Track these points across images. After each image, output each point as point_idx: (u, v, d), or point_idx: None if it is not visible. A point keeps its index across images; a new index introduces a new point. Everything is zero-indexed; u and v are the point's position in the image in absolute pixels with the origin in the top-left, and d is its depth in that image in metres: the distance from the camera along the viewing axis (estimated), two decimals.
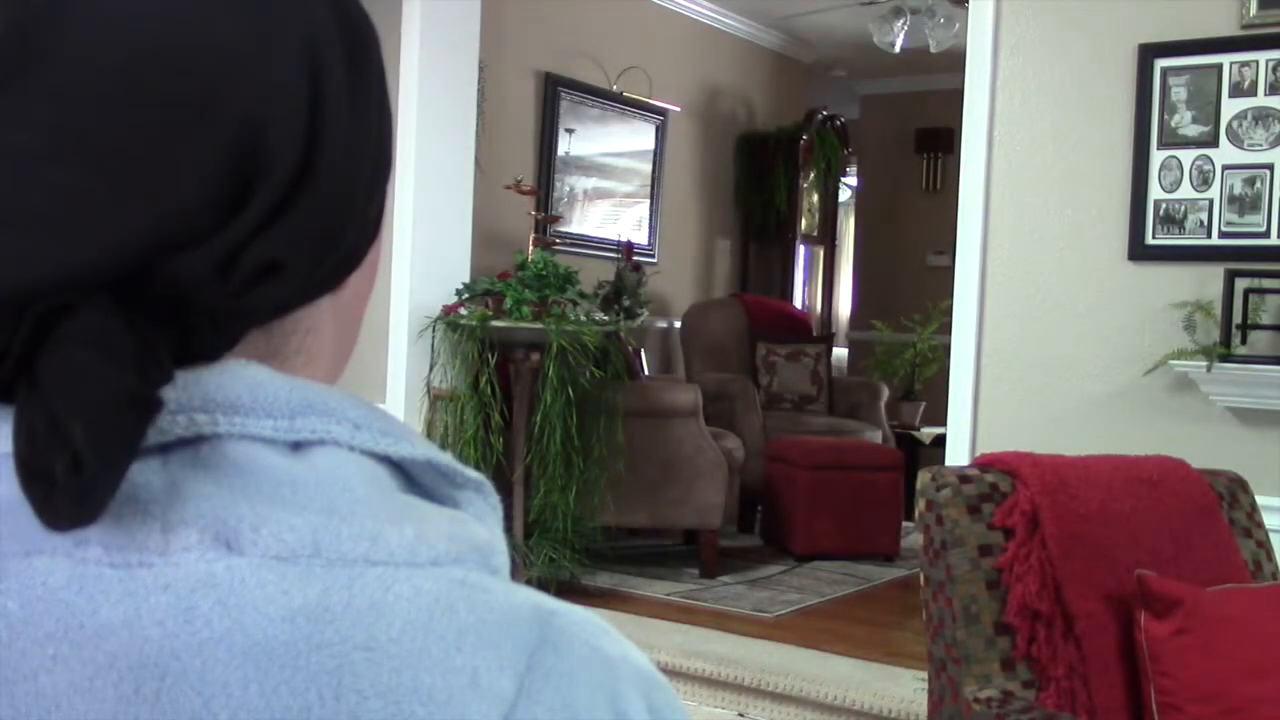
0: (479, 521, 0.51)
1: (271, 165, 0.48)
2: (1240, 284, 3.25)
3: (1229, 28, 3.32)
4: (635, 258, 6.09)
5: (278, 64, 0.49)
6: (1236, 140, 3.31)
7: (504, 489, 4.52)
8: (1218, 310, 3.27)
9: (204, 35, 0.48)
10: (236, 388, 0.48)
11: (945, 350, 4.41)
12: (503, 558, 0.51)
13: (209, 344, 0.49)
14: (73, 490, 0.42)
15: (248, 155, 0.48)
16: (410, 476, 0.52)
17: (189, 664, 0.43)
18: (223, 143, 0.47)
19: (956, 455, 3.63)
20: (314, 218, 0.50)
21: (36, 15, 0.46)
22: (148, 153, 0.46)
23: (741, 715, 3.75)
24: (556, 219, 5.81)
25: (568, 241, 6.01)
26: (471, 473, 0.53)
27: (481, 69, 5.09)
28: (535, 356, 4.51)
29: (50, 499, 0.43)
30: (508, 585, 0.49)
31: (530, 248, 4.96)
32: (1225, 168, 3.32)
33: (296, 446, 0.49)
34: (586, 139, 6.30)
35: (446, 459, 0.52)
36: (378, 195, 0.56)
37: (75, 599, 0.44)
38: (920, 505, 2.23)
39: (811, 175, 7.98)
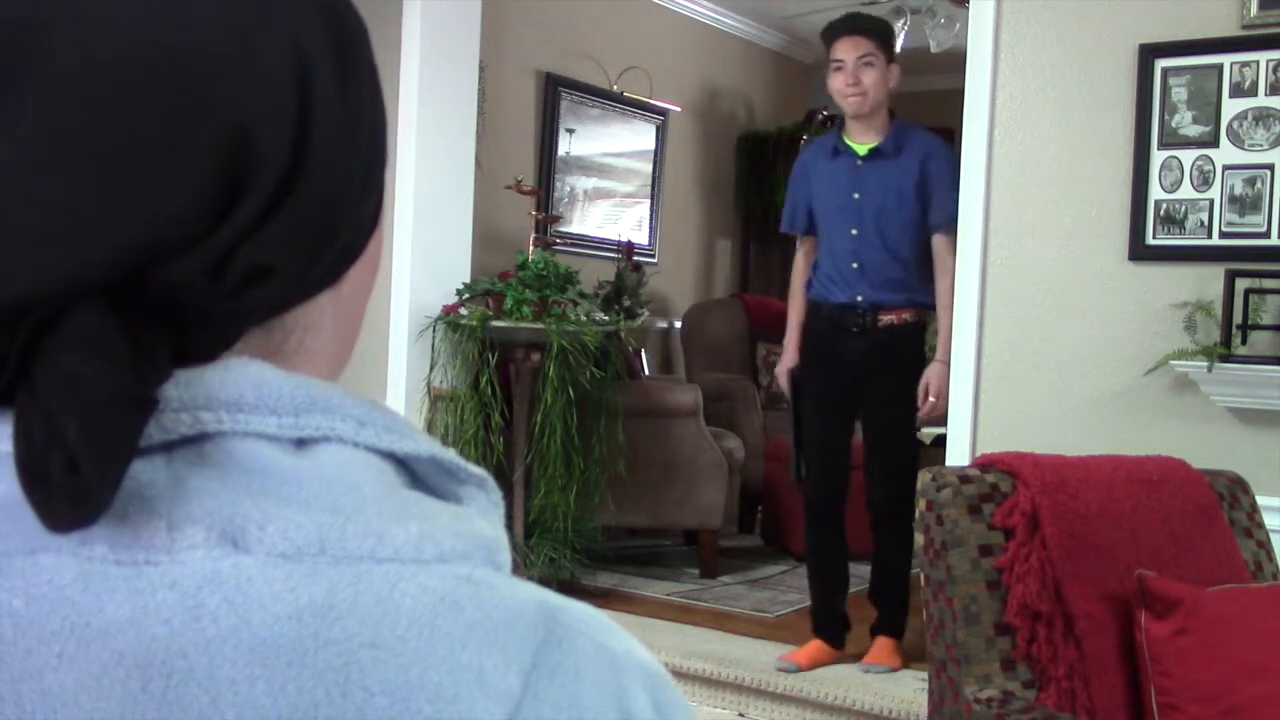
0: (483, 518, 0.51)
1: (261, 168, 0.48)
2: (1241, 284, 3.25)
3: (1229, 28, 3.32)
4: (635, 258, 6.09)
5: (264, 67, 0.49)
6: (1237, 140, 3.31)
7: (504, 489, 4.47)
8: (1218, 310, 3.27)
9: (190, 41, 0.47)
10: (240, 385, 0.48)
11: None
12: (507, 554, 0.51)
13: (205, 344, 0.49)
14: (70, 490, 0.42)
15: (237, 159, 0.48)
16: (414, 473, 0.52)
17: (196, 662, 0.43)
18: (211, 147, 0.47)
19: (957, 456, 3.63)
20: (306, 218, 0.50)
21: (22, 25, 0.46)
22: (136, 160, 0.46)
23: (742, 715, 3.75)
24: (557, 219, 5.81)
25: (568, 241, 6.01)
26: (474, 468, 0.53)
27: (482, 69, 5.09)
28: (536, 356, 4.51)
29: (49, 500, 0.43)
30: (513, 582, 0.50)
31: (531, 248, 4.96)
32: (1226, 168, 3.32)
33: (300, 443, 0.49)
34: (587, 139, 6.30)
35: (450, 455, 0.52)
36: (373, 191, 0.56)
37: (81, 597, 0.44)
38: (921, 505, 2.23)
39: None
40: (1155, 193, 3.41)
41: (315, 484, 0.47)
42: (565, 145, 6.15)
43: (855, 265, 3.65)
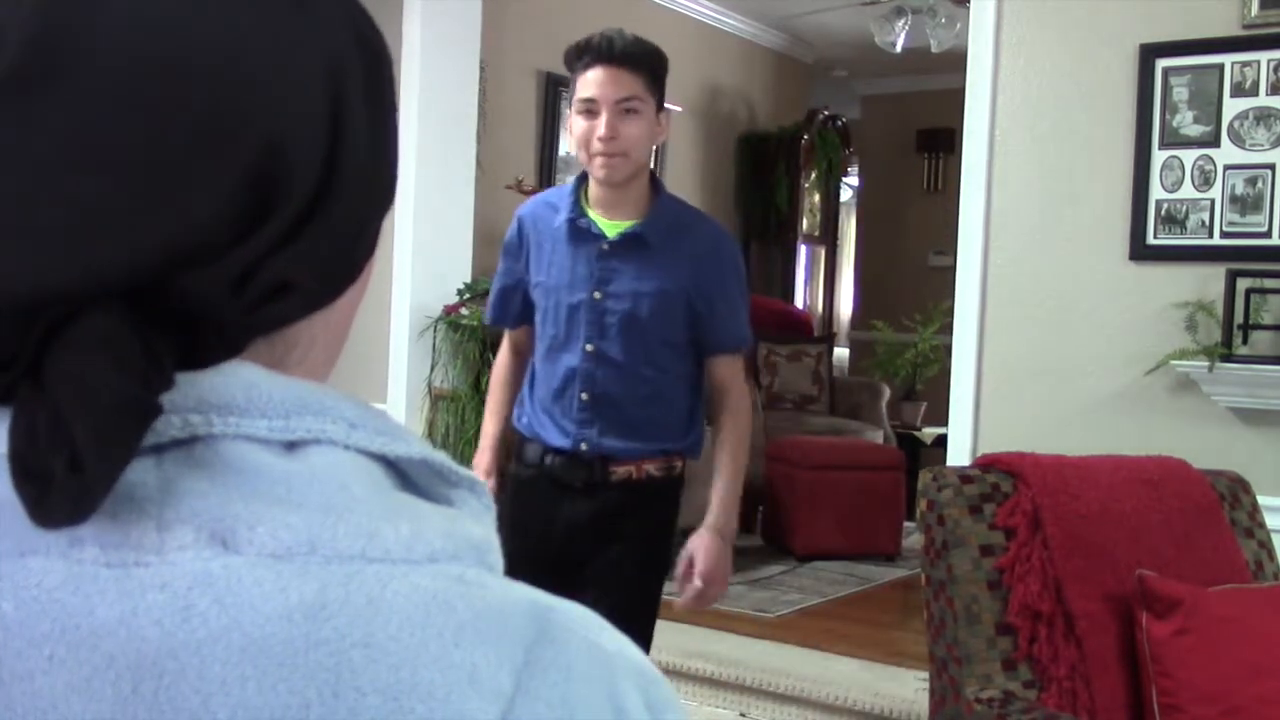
0: (474, 520, 0.51)
1: (290, 187, 0.49)
2: (1242, 284, 3.25)
3: (1230, 28, 3.31)
4: None
5: (301, 88, 0.50)
6: (1238, 140, 3.31)
7: None
8: (1219, 310, 3.27)
9: (230, 56, 0.48)
10: (231, 389, 0.48)
11: (946, 350, 4.41)
12: (498, 556, 0.51)
13: (211, 353, 0.49)
14: (70, 489, 0.43)
15: (267, 176, 0.48)
16: (405, 475, 0.52)
17: (187, 663, 0.43)
18: (242, 162, 0.48)
19: (958, 455, 3.63)
20: (328, 239, 0.51)
21: (65, 25, 0.47)
22: (167, 168, 0.46)
23: (743, 715, 3.75)
24: None
25: None
26: (466, 472, 0.53)
27: (482, 69, 5.09)
28: None
29: (44, 498, 0.43)
30: (504, 582, 0.50)
31: None
32: (1227, 168, 3.32)
33: (291, 446, 0.49)
34: None
35: (441, 458, 0.52)
36: (385, 212, 0.57)
37: (71, 599, 0.44)
38: (922, 505, 2.23)
39: (813, 175, 7.98)
40: (1156, 192, 3.41)
41: (306, 485, 0.47)
42: (566, 145, 6.15)
43: (585, 396, 2.42)
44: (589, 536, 2.43)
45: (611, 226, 2.42)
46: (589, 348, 2.41)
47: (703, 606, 2.47)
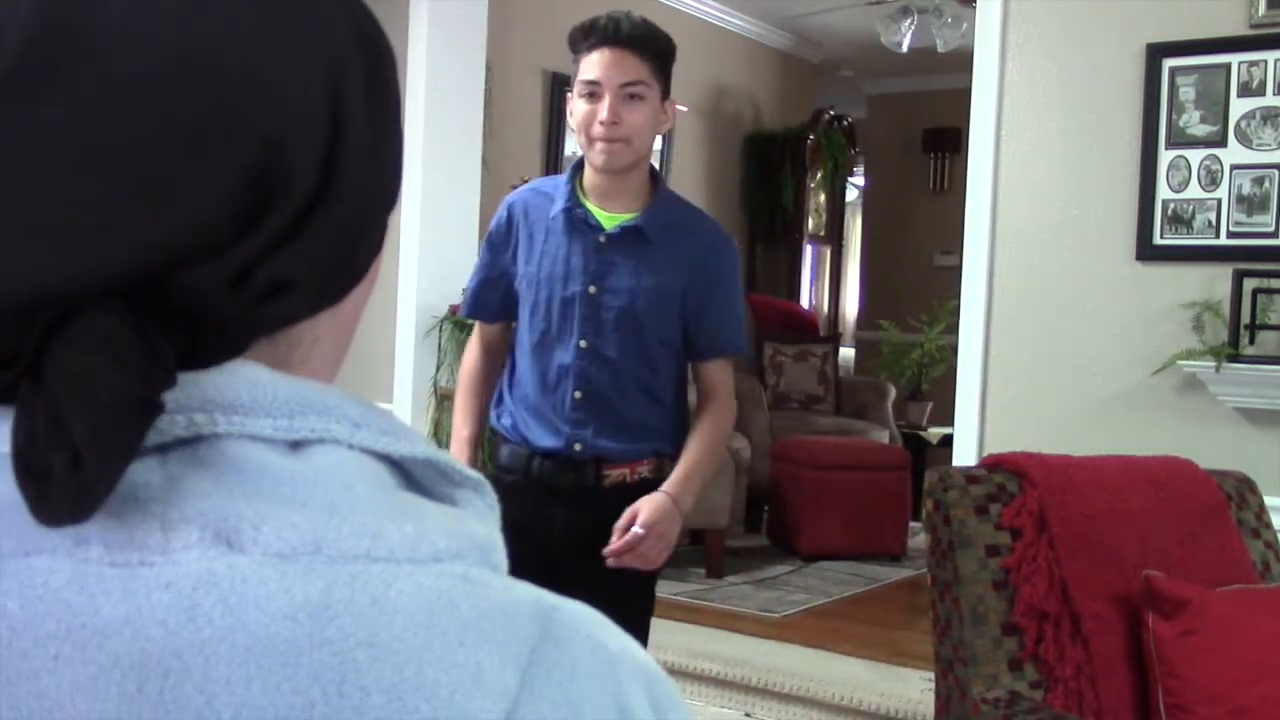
0: (478, 520, 0.52)
1: (289, 186, 0.49)
2: (1249, 284, 3.25)
3: (1237, 27, 3.31)
4: None
5: (301, 87, 0.50)
6: (1245, 140, 3.30)
7: None
8: (1226, 310, 3.26)
9: (230, 55, 0.48)
10: (235, 388, 0.48)
11: (952, 350, 4.41)
12: (502, 555, 0.51)
13: (213, 352, 0.49)
14: (71, 488, 0.43)
15: (266, 174, 0.48)
16: (409, 475, 0.52)
17: (192, 662, 0.43)
18: (242, 161, 0.48)
19: (964, 455, 3.62)
20: (327, 238, 0.51)
21: (64, 25, 0.47)
22: (168, 166, 0.46)
23: (748, 715, 3.75)
24: None
25: None
26: (470, 471, 0.53)
27: (488, 69, 5.09)
28: None
29: (45, 495, 0.43)
30: (508, 581, 0.50)
31: None
32: (1234, 167, 3.31)
33: (296, 445, 0.49)
34: None
35: (445, 457, 0.52)
36: (389, 212, 0.57)
37: (76, 598, 0.44)
38: (928, 505, 2.23)
39: (819, 175, 7.98)
40: (1163, 192, 3.40)
41: (310, 484, 0.47)
42: (571, 144, 6.16)
43: (579, 394, 2.30)
44: (588, 538, 2.28)
45: (609, 219, 2.32)
46: (582, 344, 2.30)
47: (636, 564, 2.22)
